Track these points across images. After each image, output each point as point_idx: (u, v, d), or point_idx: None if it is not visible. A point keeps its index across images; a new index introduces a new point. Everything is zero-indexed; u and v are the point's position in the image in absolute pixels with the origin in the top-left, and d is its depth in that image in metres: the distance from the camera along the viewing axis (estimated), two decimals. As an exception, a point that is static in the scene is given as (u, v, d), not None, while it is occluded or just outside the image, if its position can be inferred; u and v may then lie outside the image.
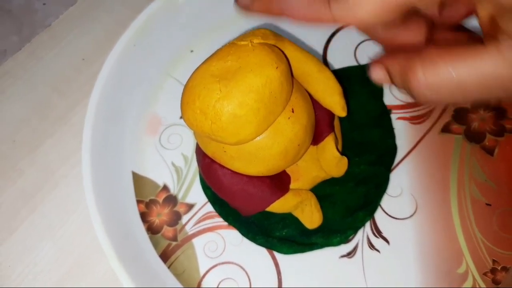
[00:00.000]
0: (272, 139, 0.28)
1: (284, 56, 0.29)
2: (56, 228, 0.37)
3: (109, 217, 0.33)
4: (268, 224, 0.34)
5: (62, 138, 0.41)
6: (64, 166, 0.39)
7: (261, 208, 0.32)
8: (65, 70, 0.44)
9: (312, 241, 0.34)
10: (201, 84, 0.27)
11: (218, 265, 0.34)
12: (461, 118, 0.37)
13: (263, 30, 0.29)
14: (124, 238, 0.34)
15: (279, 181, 0.32)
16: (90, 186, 0.34)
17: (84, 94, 0.41)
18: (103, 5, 0.47)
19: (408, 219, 0.34)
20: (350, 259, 0.34)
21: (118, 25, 0.45)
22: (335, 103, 0.31)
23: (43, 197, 0.38)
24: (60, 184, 0.39)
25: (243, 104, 0.26)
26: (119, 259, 0.32)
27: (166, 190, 0.37)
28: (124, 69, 0.39)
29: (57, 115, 0.42)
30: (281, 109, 0.28)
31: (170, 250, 0.35)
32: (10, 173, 0.39)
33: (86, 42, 0.45)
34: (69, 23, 0.46)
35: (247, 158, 0.29)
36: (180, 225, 0.36)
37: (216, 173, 0.31)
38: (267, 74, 0.26)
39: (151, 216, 0.36)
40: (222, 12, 0.43)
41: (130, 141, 0.39)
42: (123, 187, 0.37)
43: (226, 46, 0.28)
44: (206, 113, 0.26)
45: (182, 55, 0.42)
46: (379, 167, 0.36)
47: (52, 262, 0.36)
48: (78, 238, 0.37)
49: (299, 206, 0.33)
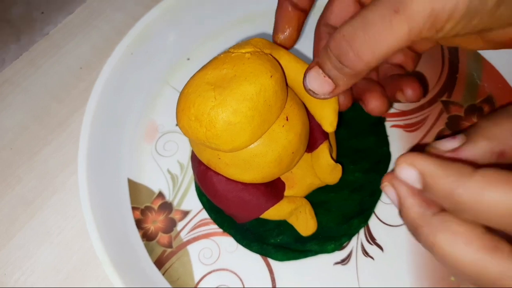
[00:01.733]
0: (266, 146, 0.28)
1: (279, 65, 0.29)
2: (54, 235, 0.37)
3: (105, 223, 0.34)
4: (263, 231, 0.35)
5: (60, 145, 0.41)
6: (63, 173, 0.40)
7: (256, 215, 0.32)
8: (64, 78, 0.44)
9: (306, 248, 0.34)
10: (196, 91, 0.27)
11: (213, 272, 0.34)
12: (455, 126, 0.37)
13: (259, 39, 0.30)
14: (119, 244, 0.34)
15: (274, 188, 0.32)
16: (85, 192, 0.34)
17: (82, 101, 0.42)
18: (101, 14, 0.47)
19: (402, 226, 0.35)
20: (344, 266, 0.34)
21: (116, 34, 0.45)
22: (323, 117, 0.31)
23: (41, 204, 0.38)
24: (58, 190, 0.39)
25: (238, 112, 0.26)
26: (114, 266, 0.32)
27: (162, 197, 0.37)
28: (121, 77, 0.39)
29: (56, 123, 0.42)
30: (275, 117, 0.28)
31: (165, 257, 0.35)
32: (9, 180, 0.40)
33: (85, 51, 0.45)
34: (67, 31, 0.46)
35: (241, 165, 0.29)
36: (175, 232, 0.36)
37: (211, 180, 0.31)
38: (262, 82, 0.27)
39: (146, 223, 0.36)
40: (219, 21, 0.43)
41: (126, 148, 0.39)
42: (118, 194, 0.37)
43: (222, 54, 0.29)
44: (200, 120, 0.26)
45: (179, 63, 0.43)
46: (373, 175, 0.36)
47: (50, 268, 0.36)
48: (76, 244, 0.37)
49: (294, 213, 0.33)
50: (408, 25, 0.21)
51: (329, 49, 0.25)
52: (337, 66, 0.25)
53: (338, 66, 0.25)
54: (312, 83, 0.27)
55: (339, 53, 0.24)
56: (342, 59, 0.24)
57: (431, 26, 0.21)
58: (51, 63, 0.45)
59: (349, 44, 0.23)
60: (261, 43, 0.30)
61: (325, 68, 0.26)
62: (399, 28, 0.22)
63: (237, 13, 0.44)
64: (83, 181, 0.35)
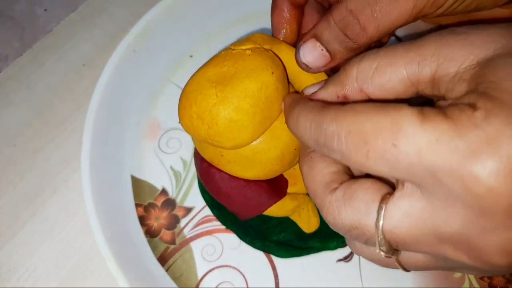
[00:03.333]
0: (268, 143, 0.28)
1: (280, 61, 0.29)
2: (56, 232, 0.37)
3: (108, 220, 0.34)
4: (265, 228, 0.35)
5: (63, 142, 0.41)
6: (65, 170, 0.40)
7: (259, 212, 0.32)
8: (66, 75, 0.44)
9: (309, 245, 0.34)
10: (198, 89, 0.27)
11: (216, 268, 0.35)
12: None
13: (259, 35, 0.30)
14: (123, 241, 0.34)
15: (276, 185, 0.32)
16: (89, 189, 0.34)
17: (85, 99, 0.42)
18: (104, 11, 0.47)
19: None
20: (347, 263, 0.34)
21: (119, 31, 0.45)
22: None
23: (44, 201, 0.39)
24: (61, 188, 0.39)
25: (239, 109, 0.26)
26: (117, 262, 0.32)
27: (165, 193, 0.37)
28: (123, 74, 0.39)
29: (58, 120, 0.42)
30: (277, 114, 0.28)
31: (168, 254, 0.35)
32: (12, 177, 0.40)
33: (87, 48, 0.45)
34: (70, 28, 0.46)
35: (244, 162, 0.29)
36: (178, 228, 0.36)
37: (213, 177, 0.31)
38: (263, 79, 0.26)
39: (149, 219, 0.36)
40: (221, 18, 0.43)
41: (130, 145, 0.39)
42: (122, 190, 0.37)
43: (223, 51, 0.29)
44: (202, 118, 0.26)
45: (181, 60, 0.43)
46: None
47: (53, 265, 0.36)
48: (79, 241, 0.37)
49: (296, 210, 0.33)
50: (414, 0, 0.22)
51: (333, 21, 0.25)
52: (340, 39, 0.25)
53: (341, 39, 0.25)
54: (307, 56, 0.27)
55: (345, 26, 0.24)
56: (348, 32, 0.24)
57: (433, 2, 0.22)
58: (54, 60, 0.45)
59: (355, 18, 0.23)
60: (261, 38, 0.30)
61: (323, 41, 0.26)
62: (405, 3, 0.22)
63: (240, 10, 0.43)
64: (86, 178, 0.35)
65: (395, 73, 0.21)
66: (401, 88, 0.21)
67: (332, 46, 0.25)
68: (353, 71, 0.23)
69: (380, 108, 0.19)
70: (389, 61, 0.21)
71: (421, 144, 0.17)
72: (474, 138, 0.17)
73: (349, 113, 0.20)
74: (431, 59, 0.20)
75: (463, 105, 0.18)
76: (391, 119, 0.18)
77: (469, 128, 0.17)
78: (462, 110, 0.17)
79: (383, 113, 0.19)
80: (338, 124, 0.20)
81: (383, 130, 0.18)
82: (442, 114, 0.18)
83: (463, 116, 0.17)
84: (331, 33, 0.25)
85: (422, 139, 0.17)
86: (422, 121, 0.18)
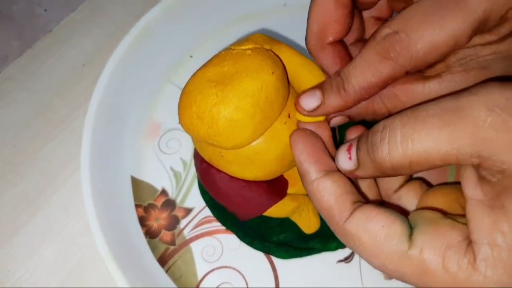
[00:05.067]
0: (268, 144, 0.28)
1: (280, 61, 0.29)
2: (56, 232, 0.37)
3: (107, 221, 0.34)
4: (265, 228, 0.34)
5: (63, 142, 0.41)
6: (65, 170, 0.40)
7: (259, 212, 0.32)
8: (66, 75, 0.44)
9: (309, 246, 0.34)
10: (198, 89, 0.27)
11: (216, 269, 0.34)
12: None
13: (259, 35, 0.30)
14: (122, 242, 0.34)
15: (276, 186, 0.32)
16: (88, 190, 0.34)
17: (85, 99, 0.42)
18: (104, 11, 0.47)
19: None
20: (347, 263, 0.34)
21: (118, 31, 0.45)
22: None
23: (44, 201, 0.39)
24: (61, 188, 0.39)
25: (239, 109, 0.26)
26: (117, 263, 0.32)
27: (165, 194, 0.37)
28: (123, 75, 0.39)
29: (58, 120, 0.42)
30: (277, 114, 0.28)
31: (168, 254, 0.35)
32: (11, 177, 0.40)
33: (87, 48, 0.45)
34: (70, 28, 0.46)
35: (244, 162, 0.29)
36: (178, 229, 0.36)
37: (213, 177, 0.31)
38: (263, 79, 0.26)
39: (149, 220, 0.36)
40: (221, 18, 0.43)
41: (129, 146, 0.39)
42: (121, 191, 0.37)
43: (223, 51, 0.29)
44: (202, 117, 0.26)
45: (181, 60, 0.42)
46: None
47: (53, 265, 0.36)
48: (79, 242, 0.37)
49: (297, 210, 0.33)
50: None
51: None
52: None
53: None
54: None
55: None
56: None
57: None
58: (54, 60, 0.45)
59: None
60: (261, 38, 0.30)
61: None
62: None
63: (240, 10, 0.43)
64: (86, 179, 0.35)
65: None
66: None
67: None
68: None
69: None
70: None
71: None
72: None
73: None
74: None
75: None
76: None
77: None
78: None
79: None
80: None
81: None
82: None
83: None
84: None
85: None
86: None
